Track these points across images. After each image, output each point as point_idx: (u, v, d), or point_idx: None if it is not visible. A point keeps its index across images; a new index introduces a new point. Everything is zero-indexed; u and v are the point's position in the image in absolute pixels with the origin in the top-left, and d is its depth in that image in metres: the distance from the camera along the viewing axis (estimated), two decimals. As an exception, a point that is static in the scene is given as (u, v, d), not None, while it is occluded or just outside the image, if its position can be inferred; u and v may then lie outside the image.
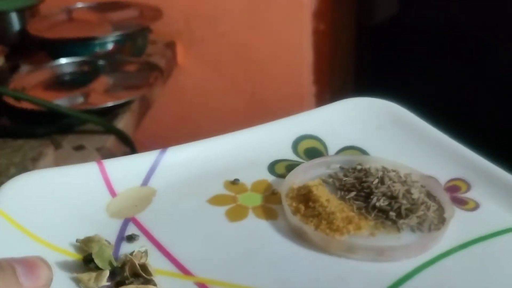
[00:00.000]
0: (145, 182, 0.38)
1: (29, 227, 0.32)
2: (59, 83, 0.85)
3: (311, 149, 0.43)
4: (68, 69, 0.86)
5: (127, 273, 0.30)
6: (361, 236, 0.34)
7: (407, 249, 0.33)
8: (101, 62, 0.86)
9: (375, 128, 0.45)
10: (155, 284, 0.29)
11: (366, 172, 0.39)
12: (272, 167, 0.41)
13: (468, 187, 0.39)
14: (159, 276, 0.31)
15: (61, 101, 0.76)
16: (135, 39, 0.89)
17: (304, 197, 0.36)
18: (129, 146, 0.71)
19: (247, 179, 0.40)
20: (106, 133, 0.70)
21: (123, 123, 0.72)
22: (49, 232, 0.32)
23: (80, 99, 0.78)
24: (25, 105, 0.72)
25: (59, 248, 0.32)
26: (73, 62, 0.86)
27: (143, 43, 0.92)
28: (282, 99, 1.00)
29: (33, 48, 0.93)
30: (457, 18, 0.88)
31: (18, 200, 0.33)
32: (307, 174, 0.39)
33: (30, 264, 0.27)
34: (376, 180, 0.37)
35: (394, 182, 0.37)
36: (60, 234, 0.33)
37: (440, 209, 0.36)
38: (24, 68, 0.87)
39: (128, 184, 0.38)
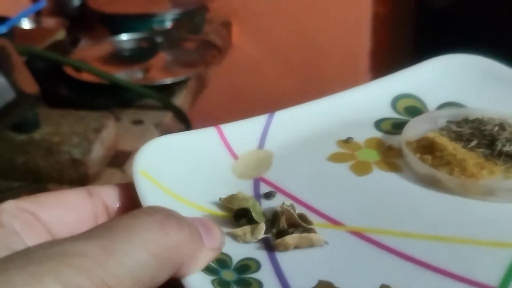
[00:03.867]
0: (261, 145, 0.38)
1: (170, 187, 0.32)
2: (118, 58, 0.85)
3: (410, 107, 0.43)
4: (127, 45, 0.86)
5: (283, 224, 0.30)
6: (504, 181, 0.34)
7: (547, 188, 0.33)
8: (159, 39, 0.86)
9: (471, 84, 0.45)
10: (316, 233, 0.29)
11: (480, 121, 0.39)
12: (378, 125, 0.41)
13: None
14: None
15: (120, 76, 0.76)
16: (192, 17, 0.90)
17: (428, 148, 0.36)
18: (184, 123, 0.71)
19: (359, 137, 0.40)
20: (163, 109, 0.70)
21: (179, 100, 0.72)
22: (189, 193, 0.32)
23: (139, 75, 0.78)
24: (85, 77, 0.72)
25: (203, 208, 0.32)
26: (132, 38, 0.86)
27: (200, 21, 0.92)
28: (338, 85, 1.00)
29: (93, 22, 0.94)
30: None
31: (155, 162, 0.33)
32: (417, 129, 0.39)
33: (208, 226, 0.27)
34: (496, 128, 0.37)
35: (513, 128, 0.37)
36: (199, 194, 0.33)
37: (563, 152, 0.36)
38: (84, 42, 0.87)
39: (246, 147, 0.38)
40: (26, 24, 0.94)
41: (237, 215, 0.31)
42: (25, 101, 0.67)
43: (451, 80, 0.45)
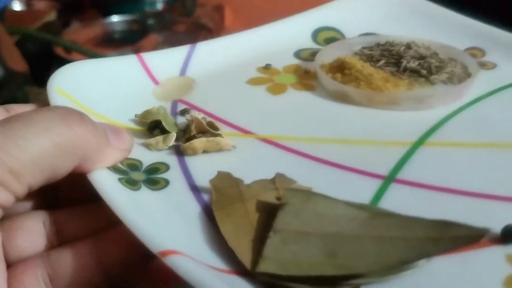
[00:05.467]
0: (182, 72, 0.40)
1: (89, 106, 0.33)
2: (109, 40, 0.85)
3: (331, 38, 0.45)
4: (118, 27, 0.86)
5: (193, 132, 0.31)
6: (404, 91, 0.36)
7: (443, 96, 0.35)
8: (150, 21, 0.86)
9: (392, 16, 0.47)
10: (222, 137, 0.31)
11: (391, 44, 0.41)
12: (298, 54, 0.43)
13: (483, 53, 0.42)
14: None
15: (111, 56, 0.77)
16: (184, 0, 0.90)
17: (339, 67, 0.38)
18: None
19: (278, 64, 0.41)
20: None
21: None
22: (107, 111, 0.33)
23: (129, 56, 0.78)
24: (76, 57, 0.72)
25: (121, 124, 0.33)
26: (123, 20, 0.86)
27: (192, 4, 0.93)
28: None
29: (84, 4, 0.93)
30: None
31: (73, 83, 0.34)
32: (332, 54, 0.41)
33: (116, 129, 0.28)
34: (403, 47, 0.40)
35: (419, 47, 0.39)
36: (117, 113, 0.34)
37: (464, 67, 0.39)
38: (75, 24, 0.87)
39: (167, 74, 0.39)
40: (17, 6, 0.94)
41: (151, 127, 0.32)
42: (14, 79, 0.67)
43: (372, 13, 0.47)
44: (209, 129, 0.31)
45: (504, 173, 0.29)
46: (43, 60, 0.80)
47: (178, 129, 0.32)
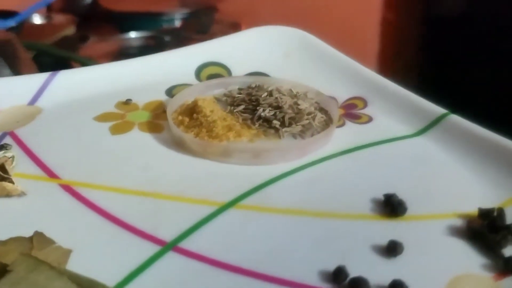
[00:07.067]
0: (32, 101, 0.37)
1: None
2: (125, 56, 0.84)
3: (215, 75, 0.43)
4: (135, 43, 0.86)
5: (-15, 172, 0.29)
6: (240, 143, 0.33)
7: (283, 151, 0.32)
8: (167, 38, 0.86)
9: (283, 55, 0.44)
10: (12, 182, 0.29)
11: (259, 88, 0.38)
12: (170, 91, 0.40)
13: (365, 104, 0.39)
14: (25, 180, 0.30)
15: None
16: (200, 17, 0.89)
17: (190, 110, 0.36)
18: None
19: (142, 100, 0.39)
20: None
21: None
22: None
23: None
24: None
25: None
26: (140, 36, 0.86)
27: (208, 21, 0.92)
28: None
29: (102, 20, 0.94)
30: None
31: None
32: (202, 93, 0.39)
33: None
34: (265, 94, 0.37)
35: (283, 95, 0.36)
36: None
37: (329, 121, 0.36)
38: (93, 39, 0.87)
39: (13, 103, 0.37)
40: (37, 19, 0.95)
41: None
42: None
43: (263, 51, 0.45)
44: (-2, 172, 0.29)
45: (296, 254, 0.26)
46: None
47: (-24, 168, 0.30)
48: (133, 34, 0.86)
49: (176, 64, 0.43)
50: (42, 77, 0.39)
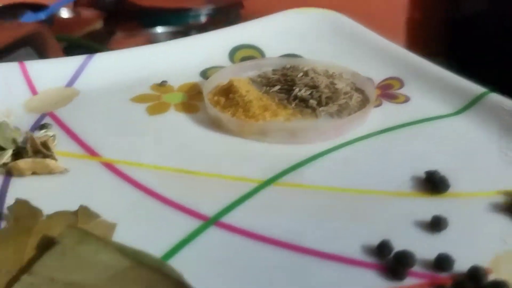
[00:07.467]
0: (70, 84, 0.38)
1: None
2: None
3: (248, 57, 0.42)
4: (161, 38, 0.88)
5: (28, 150, 0.29)
6: (277, 122, 0.33)
7: (320, 130, 0.32)
8: (193, 33, 0.87)
9: (315, 37, 0.44)
10: (55, 159, 0.29)
11: (294, 69, 0.38)
12: (204, 73, 0.40)
13: (402, 84, 0.38)
14: (66, 158, 0.30)
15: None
16: (227, 13, 0.90)
17: (226, 91, 0.36)
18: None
19: (177, 82, 0.39)
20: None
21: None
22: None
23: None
24: None
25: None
26: (166, 32, 0.87)
27: (234, 17, 0.93)
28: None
29: (129, 15, 0.95)
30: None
31: None
32: (236, 75, 0.39)
33: None
34: (301, 74, 0.36)
35: (319, 75, 0.36)
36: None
37: (365, 101, 0.35)
38: (120, 34, 0.89)
39: (51, 85, 0.37)
40: (65, 13, 0.97)
41: (-12, 141, 0.30)
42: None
43: (296, 33, 0.44)
44: (41, 149, 0.29)
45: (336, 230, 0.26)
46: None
47: (17, 146, 0.30)
48: (159, 30, 0.87)
49: (210, 47, 0.43)
50: (79, 59, 0.39)
